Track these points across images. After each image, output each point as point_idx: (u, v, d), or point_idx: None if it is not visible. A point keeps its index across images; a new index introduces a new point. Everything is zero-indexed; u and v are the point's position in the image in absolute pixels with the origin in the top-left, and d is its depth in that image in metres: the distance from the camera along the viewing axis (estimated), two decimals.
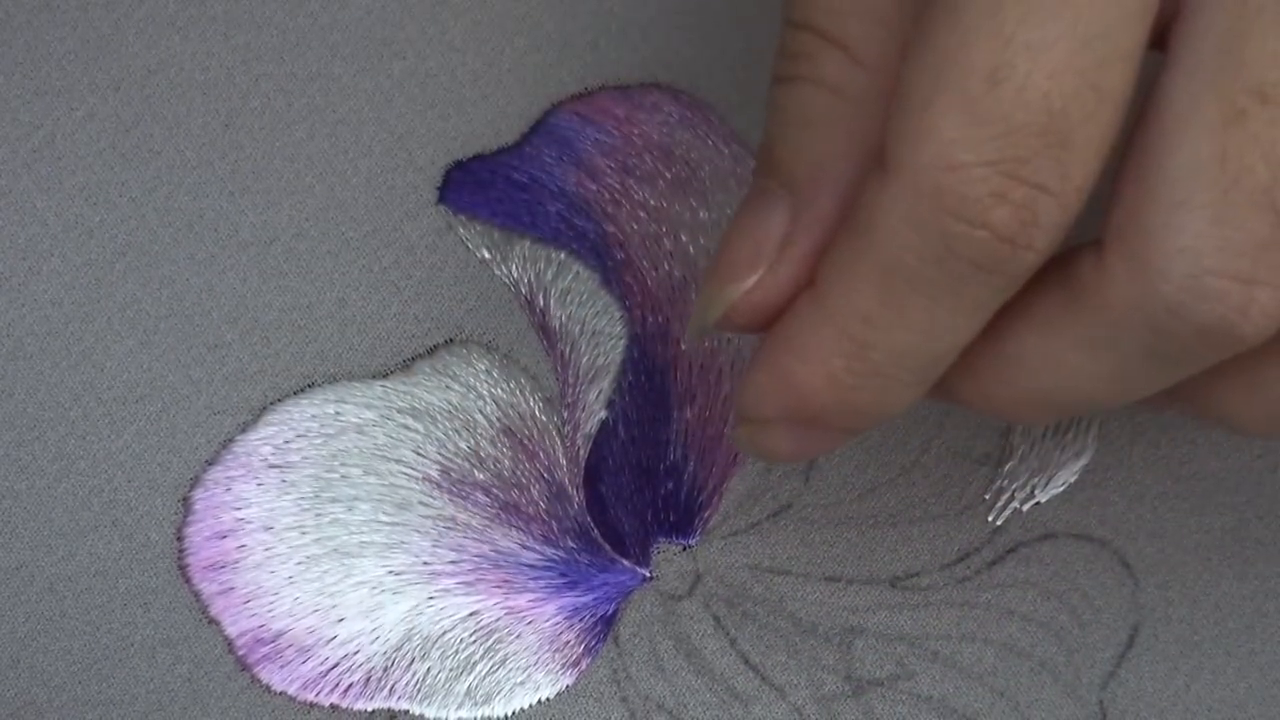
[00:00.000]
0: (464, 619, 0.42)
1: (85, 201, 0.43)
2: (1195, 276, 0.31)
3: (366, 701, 0.41)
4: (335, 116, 0.43)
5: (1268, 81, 0.31)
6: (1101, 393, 0.34)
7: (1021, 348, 0.34)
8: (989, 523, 0.42)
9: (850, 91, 0.33)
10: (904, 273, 0.32)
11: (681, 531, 0.42)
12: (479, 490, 0.42)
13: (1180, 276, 0.31)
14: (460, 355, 0.43)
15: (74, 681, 0.41)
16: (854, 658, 0.42)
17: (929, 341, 0.33)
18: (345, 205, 0.43)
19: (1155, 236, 0.31)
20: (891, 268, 0.32)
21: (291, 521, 0.42)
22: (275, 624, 0.41)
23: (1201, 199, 0.31)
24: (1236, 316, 0.31)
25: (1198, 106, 0.31)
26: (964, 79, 0.31)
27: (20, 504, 0.42)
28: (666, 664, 0.42)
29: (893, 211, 0.32)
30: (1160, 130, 0.32)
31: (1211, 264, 0.31)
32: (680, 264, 0.43)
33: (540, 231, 0.43)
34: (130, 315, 0.42)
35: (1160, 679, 0.42)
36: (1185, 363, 0.33)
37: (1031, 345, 0.33)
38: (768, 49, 0.43)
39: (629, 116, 0.43)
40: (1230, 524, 0.42)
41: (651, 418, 0.42)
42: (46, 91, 0.43)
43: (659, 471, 0.42)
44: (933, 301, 0.32)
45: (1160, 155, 0.32)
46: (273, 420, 0.42)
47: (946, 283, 0.32)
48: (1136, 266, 0.32)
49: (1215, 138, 0.31)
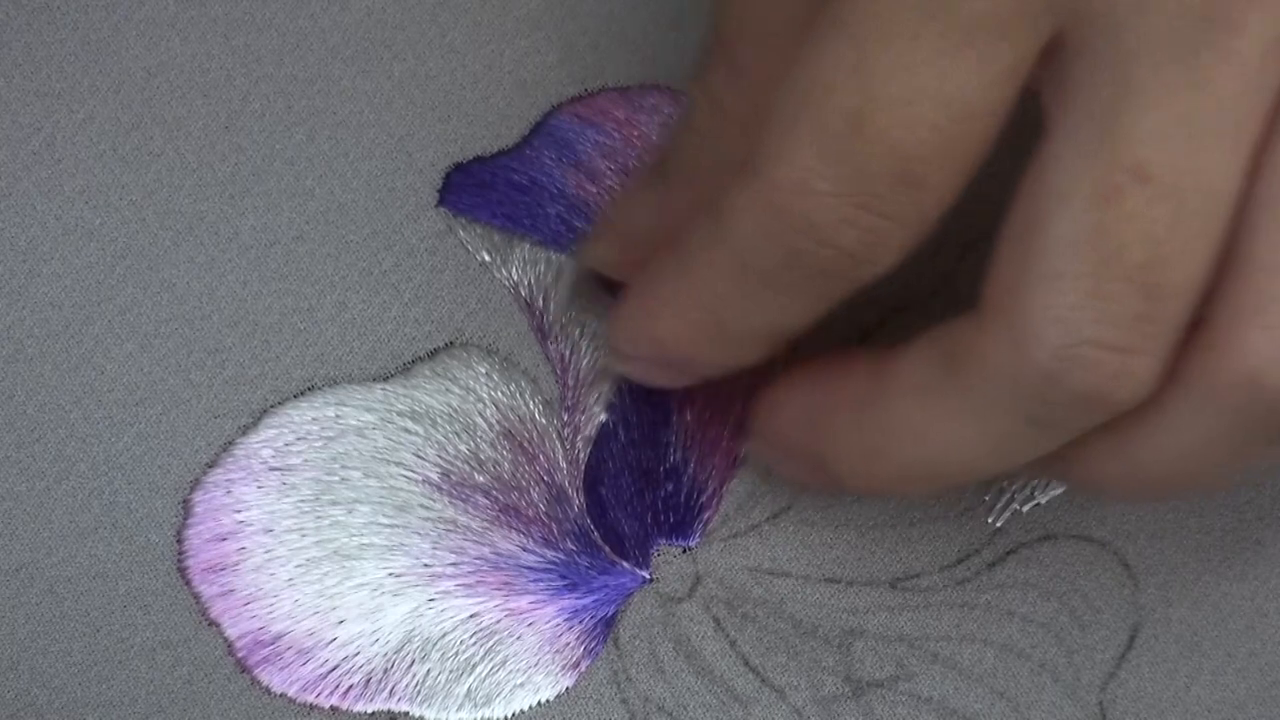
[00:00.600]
0: (464, 621, 0.41)
1: (85, 204, 0.43)
2: (1071, 345, 0.32)
3: (366, 703, 0.41)
4: (335, 119, 0.43)
5: (1145, 160, 0.31)
6: (979, 460, 0.35)
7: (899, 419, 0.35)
8: (989, 524, 0.42)
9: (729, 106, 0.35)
10: (756, 267, 0.34)
11: (681, 533, 0.42)
12: (479, 493, 0.42)
13: (1056, 345, 0.32)
14: (460, 358, 0.43)
15: (74, 683, 0.41)
16: (854, 659, 0.42)
17: (779, 320, 0.35)
18: (345, 208, 0.43)
19: (1032, 306, 0.32)
20: (742, 259, 0.34)
21: (291, 524, 0.42)
22: (275, 626, 0.41)
23: (1077, 271, 0.32)
24: (1111, 384, 0.32)
25: (1076, 181, 0.32)
26: (827, 115, 0.32)
27: (20, 506, 0.42)
28: (666, 666, 0.42)
29: (748, 213, 0.33)
30: (1039, 201, 0.32)
31: (1087, 334, 0.32)
32: None
33: (541, 234, 0.43)
34: (130, 318, 0.42)
35: (1160, 680, 0.42)
36: (1060, 429, 0.34)
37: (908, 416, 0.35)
38: None
39: (629, 118, 0.43)
40: (1230, 524, 0.42)
41: (651, 420, 0.42)
42: (47, 94, 0.43)
43: (659, 474, 0.42)
44: (779, 292, 0.34)
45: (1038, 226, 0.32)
46: (273, 423, 0.42)
47: (792, 280, 0.34)
48: (1014, 334, 0.32)
49: (1092, 213, 0.32)
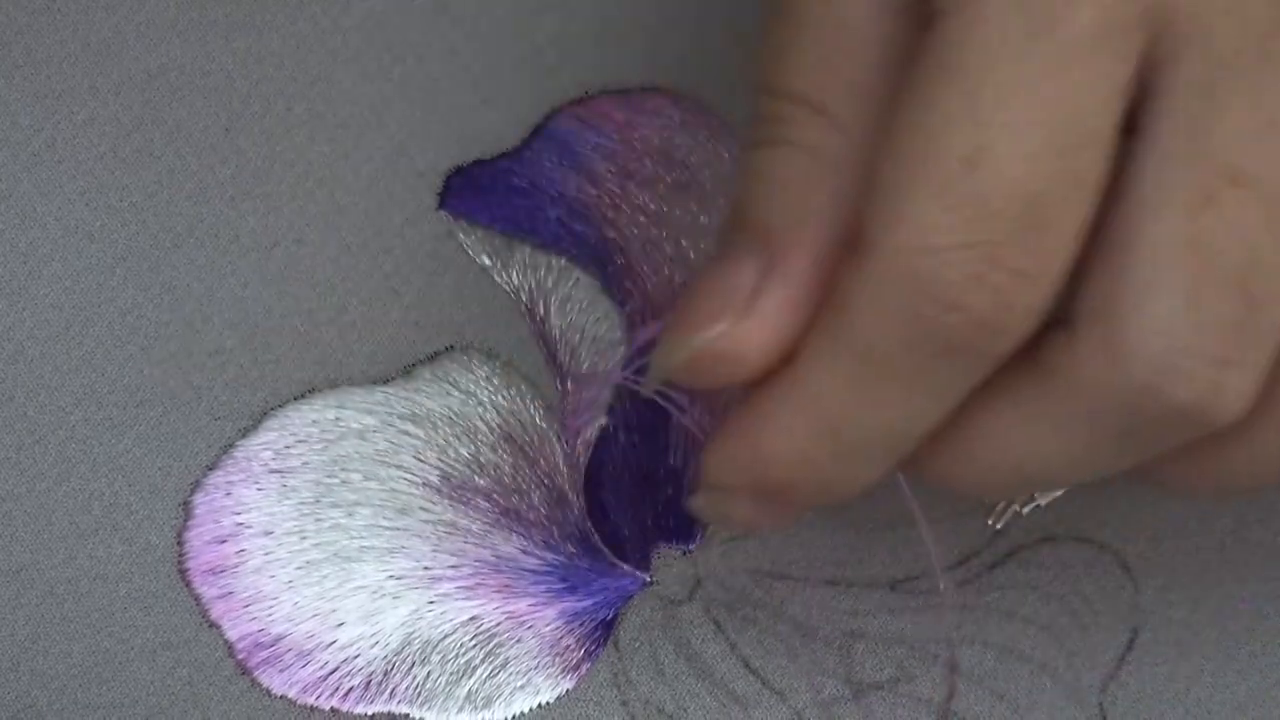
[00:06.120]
0: (464, 623, 0.41)
1: (86, 206, 0.43)
2: (1168, 358, 0.31)
3: (367, 705, 0.41)
4: (336, 121, 0.43)
5: (1237, 165, 0.31)
6: (1067, 471, 0.34)
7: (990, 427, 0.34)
8: (989, 526, 0.42)
9: (828, 155, 0.33)
10: (879, 357, 0.32)
11: (681, 536, 0.42)
12: (479, 496, 0.42)
13: (1153, 358, 0.31)
14: (461, 362, 0.43)
15: (74, 685, 0.41)
16: (854, 661, 0.42)
17: (900, 424, 0.33)
18: (346, 211, 0.43)
19: (1127, 319, 0.31)
20: (866, 352, 0.32)
21: (292, 526, 0.42)
22: (275, 628, 0.41)
23: (1173, 282, 0.31)
24: (1210, 398, 0.31)
25: (1168, 190, 0.31)
26: (940, 161, 0.31)
27: (21, 508, 0.42)
28: (667, 668, 0.42)
29: (867, 294, 0.32)
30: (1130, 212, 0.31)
31: (1184, 346, 0.31)
32: (681, 269, 0.43)
33: (540, 237, 0.43)
34: (131, 320, 0.42)
35: (1160, 682, 0.42)
36: (1154, 443, 0.33)
37: (1000, 424, 0.33)
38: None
39: (629, 121, 0.43)
40: (1230, 526, 0.42)
41: (651, 423, 0.42)
42: (47, 95, 0.43)
43: (659, 476, 0.42)
44: (906, 386, 0.32)
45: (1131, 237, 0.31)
46: (273, 425, 0.42)
47: (920, 367, 0.32)
48: (1109, 348, 0.31)
49: (1186, 221, 0.31)
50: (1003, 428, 0.33)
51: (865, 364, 0.32)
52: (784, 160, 0.33)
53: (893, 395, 0.32)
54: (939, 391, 0.33)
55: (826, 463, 0.34)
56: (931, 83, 0.31)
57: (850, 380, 0.33)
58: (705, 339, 0.34)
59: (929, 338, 0.31)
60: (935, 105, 0.31)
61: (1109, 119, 0.31)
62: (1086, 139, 0.31)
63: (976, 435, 0.34)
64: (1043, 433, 0.33)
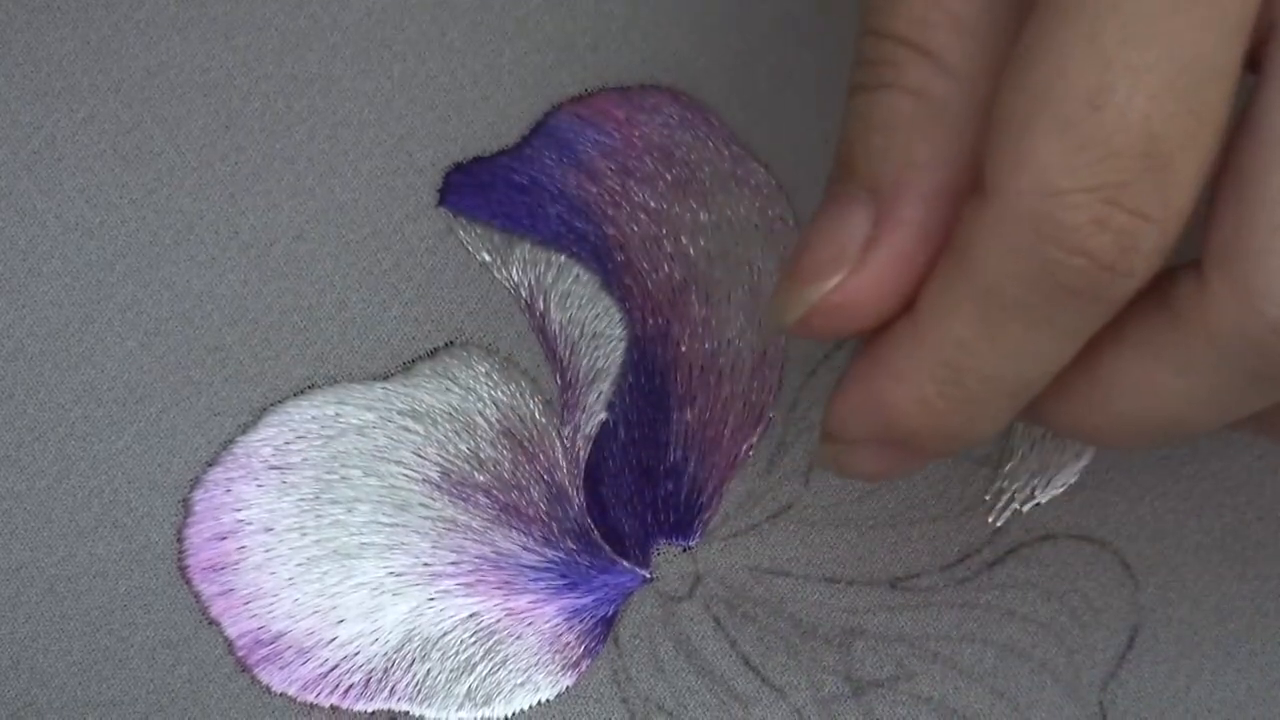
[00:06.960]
0: (464, 620, 0.42)
1: (85, 203, 0.43)
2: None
3: (367, 703, 0.41)
4: (335, 118, 0.43)
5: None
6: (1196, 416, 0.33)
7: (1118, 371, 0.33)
8: (989, 524, 0.42)
9: (937, 98, 0.33)
10: (1002, 299, 0.32)
11: (681, 533, 0.42)
12: (479, 492, 0.42)
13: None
14: (460, 358, 0.43)
15: (74, 682, 0.41)
16: (854, 659, 0.42)
17: (1024, 367, 0.33)
18: (345, 207, 0.43)
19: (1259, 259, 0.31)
20: (989, 294, 0.32)
21: (292, 523, 0.42)
22: (275, 625, 0.41)
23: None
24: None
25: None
26: (1063, 102, 0.30)
27: (20, 505, 0.42)
28: (667, 665, 0.42)
29: (991, 237, 0.31)
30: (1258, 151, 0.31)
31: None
32: (680, 266, 0.43)
33: (540, 234, 0.43)
34: (130, 317, 0.42)
35: (1160, 680, 0.42)
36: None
37: (1128, 369, 0.33)
38: (768, 49, 0.43)
39: (629, 118, 0.43)
40: (1230, 524, 0.42)
41: (651, 419, 0.42)
42: (47, 93, 0.43)
43: (659, 473, 0.42)
44: (1029, 328, 0.32)
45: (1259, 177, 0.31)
46: (273, 422, 0.42)
47: (1044, 309, 0.32)
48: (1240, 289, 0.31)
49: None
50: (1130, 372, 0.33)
51: (988, 309, 0.32)
52: (889, 104, 0.33)
53: (1016, 340, 0.32)
54: (1063, 335, 0.32)
55: (950, 410, 0.33)
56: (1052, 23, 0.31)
57: (973, 326, 0.32)
58: (820, 291, 0.33)
59: (1053, 281, 0.31)
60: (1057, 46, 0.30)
61: (1232, 56, 0.31)
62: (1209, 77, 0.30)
63: (1104, 380, 0.33)
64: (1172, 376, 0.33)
